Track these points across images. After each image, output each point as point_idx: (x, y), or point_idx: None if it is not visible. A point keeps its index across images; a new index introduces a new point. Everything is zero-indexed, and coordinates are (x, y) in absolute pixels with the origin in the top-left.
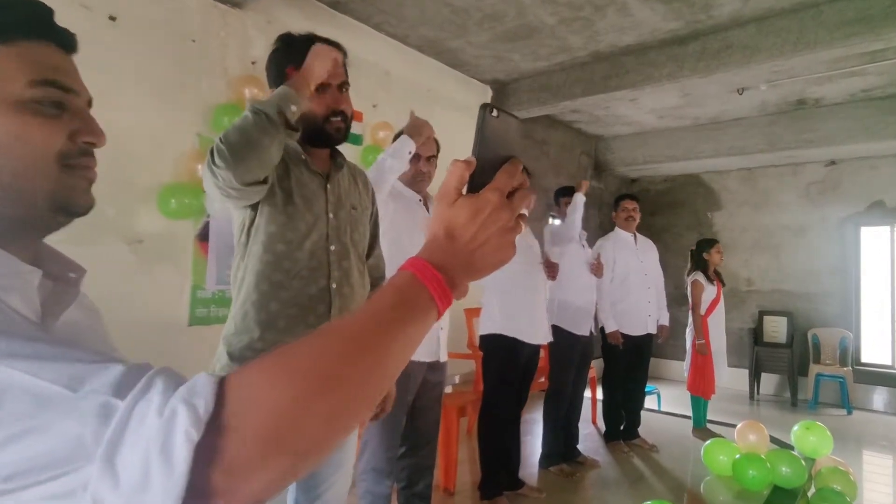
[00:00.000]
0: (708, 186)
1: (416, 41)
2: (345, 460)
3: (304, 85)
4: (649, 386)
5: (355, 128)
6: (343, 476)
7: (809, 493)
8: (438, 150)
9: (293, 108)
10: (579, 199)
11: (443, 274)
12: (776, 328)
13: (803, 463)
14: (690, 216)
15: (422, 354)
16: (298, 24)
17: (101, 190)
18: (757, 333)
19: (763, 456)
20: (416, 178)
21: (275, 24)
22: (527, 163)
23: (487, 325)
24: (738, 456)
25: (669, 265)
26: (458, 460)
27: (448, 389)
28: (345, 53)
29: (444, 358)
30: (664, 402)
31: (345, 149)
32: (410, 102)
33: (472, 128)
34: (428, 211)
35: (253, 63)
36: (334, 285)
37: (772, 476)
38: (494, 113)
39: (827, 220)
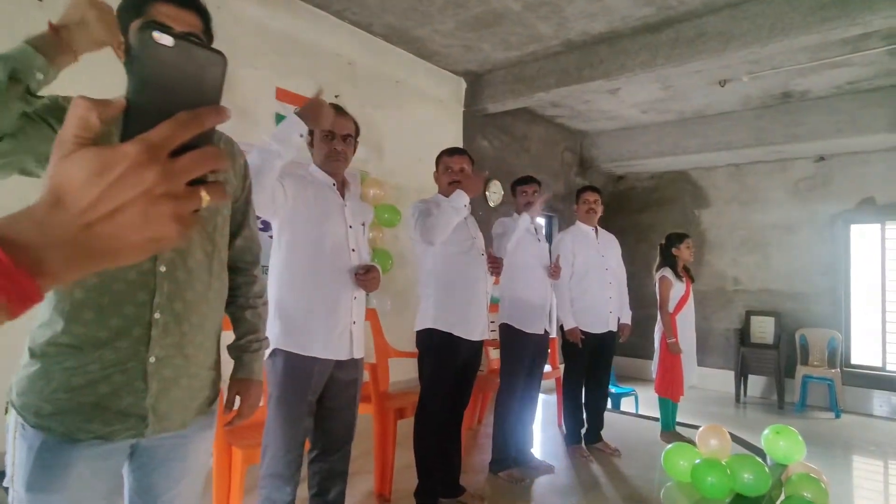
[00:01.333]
0: (695, 183)
1: (381, 29)
2: (187, 470)
3: (58, 46)
4: (627, 387)
5: None
6: (187, 488)
7: (779, 502)
8: (358, 132)
9: (39, 75)
10: (523, 221)
11: (16, 254)
12: (763, 329)
13: (767, 470)
14: (678, 214)
15: (327, 351)
16: (251, 10)
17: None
18: (743, 334)
19: (724, 462)
20: (330, 158)
21: (224, 9)
22: (506, 159)
23: (422, 319)
24: (697, 461)
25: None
26: (402, 465)
27: None
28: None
29: (358, 354)
30: (643, 405)
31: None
32: (377, 94)
33: (448, 122)
34: (343, 198)
35: None
36: (163, 268)
37: (732, 483)
38: (167, 41)
39: (816, 217)
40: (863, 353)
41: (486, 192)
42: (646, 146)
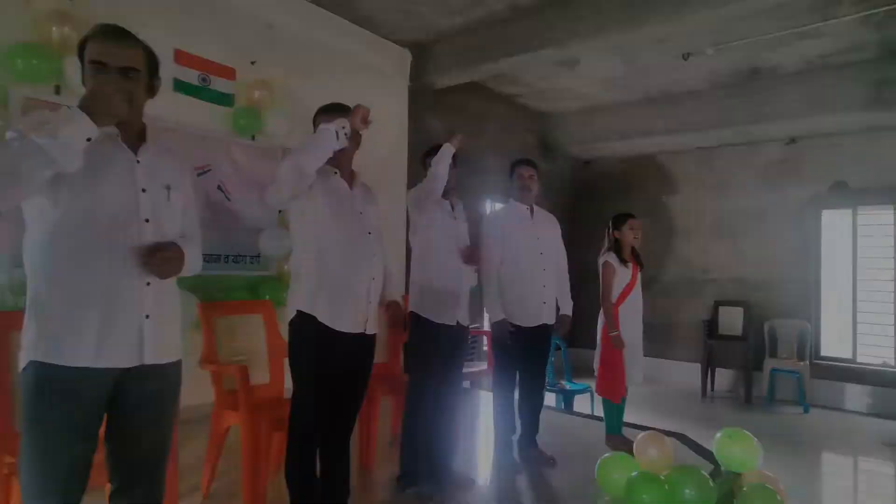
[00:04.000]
0: (663, 169)
1: None
2: None
3: None
4: (582, 384)
5: (225, 87)
6: None
7: None
8: (155, 65)
9: None
10: (447, 149)
11: None
12: (732, 320)
13: (711, 484)
14: (645, 201)
15: (101, 358)
16: None
17: None
18: (711, 325)
19: (662, 476)
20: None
21: None
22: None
23: (292, 304)
24: (634, 474)
25: None
26: (279, 487)
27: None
28: None
29: (154, 359)
30: (599, 403)
31: (212, 110)
32: (303, 63)
33: (391, 97)
34: (136, 153)
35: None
36: None
37: (671, 500)
38: None
39: (787, 202)
40: (833, 344)
41: None
42: (611, 127)
